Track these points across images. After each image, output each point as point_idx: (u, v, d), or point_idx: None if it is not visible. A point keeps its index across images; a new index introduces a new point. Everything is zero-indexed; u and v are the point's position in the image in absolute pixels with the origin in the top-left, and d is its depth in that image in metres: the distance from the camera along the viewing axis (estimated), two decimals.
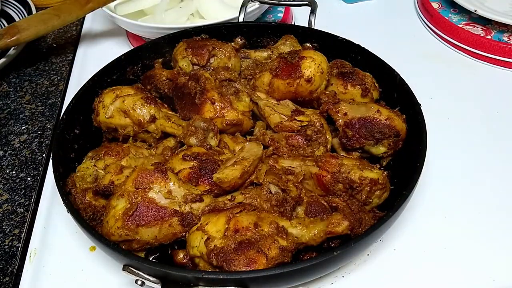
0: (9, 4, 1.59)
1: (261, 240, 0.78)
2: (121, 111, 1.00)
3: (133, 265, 0.77)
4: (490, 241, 0.96)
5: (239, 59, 1.16)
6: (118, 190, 0.85)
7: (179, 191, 0.85)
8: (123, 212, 0.82)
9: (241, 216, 0.82)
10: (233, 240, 0.78)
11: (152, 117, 1.00)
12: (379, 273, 0.92)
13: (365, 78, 1.08)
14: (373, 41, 1.17)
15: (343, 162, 0.91)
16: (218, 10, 1.40)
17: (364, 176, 0.89)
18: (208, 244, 0.79)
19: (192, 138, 0.96)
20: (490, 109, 1.25)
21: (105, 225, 0.84)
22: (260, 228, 0.80)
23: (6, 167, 1.17)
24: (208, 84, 1.02)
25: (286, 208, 0.87)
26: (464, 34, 1.40)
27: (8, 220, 1.05)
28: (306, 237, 0.81)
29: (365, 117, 0.98)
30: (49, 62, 1.49)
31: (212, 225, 0.81)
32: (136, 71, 1.20)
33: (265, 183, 0.89)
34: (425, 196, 1.03)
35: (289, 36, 1.20)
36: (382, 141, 0.97)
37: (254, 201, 0.87)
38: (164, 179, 0.84)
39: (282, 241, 0.79)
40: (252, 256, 0.76)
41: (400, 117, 0.98)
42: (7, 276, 0.95)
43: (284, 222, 0.82)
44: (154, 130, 1.01)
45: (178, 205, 0.84)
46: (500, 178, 1.08)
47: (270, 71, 1.05)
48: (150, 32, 1.35)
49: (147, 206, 0.82)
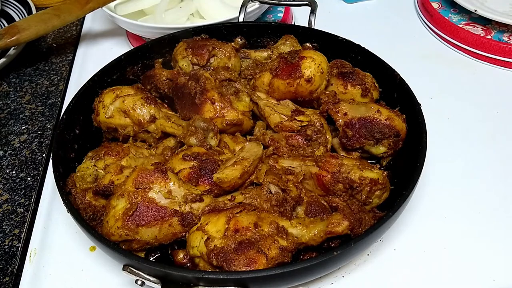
0: (9, 4, 1.59)
1: (261, 240, 0.79)
2: (121, 111, 1.00)
3: (133, 265, 0.77)
4: (490, 241, 0.96)
5: (239, 59, 1.16)
6: (118, 190, 0.85)
7: (179, 191, 0.85)
8: (123, 212, 0.82)
9: (241, 216, 0.82)
10: (233, 240, 0.78)
11: (152, 117, 1.00)
12: (379, 273, 0.92)
13: (365, 78, 1.08)
14: (373, 41, 1.18)
15: (343, 162, 0.92)
16: (218, 10, 1.40)
17: (364, 176, 0.89)
18: (208, 244, 0.79)
19: (192, 138, 0.96)
20: (490, 109, 1.25)
21: (105, 225, 0.84)
22: (260, 228, 0.80)
23: (6, 167, 1.17)
24: (208, 84, 1.02)
25: (286, 208, 0.87)
26: (464, 34, 1.40)
27: (8, 220, 1.05)
28: (306, 237, 0.81)
29: (365, 117, 0.98)
30: (49, 62, 1.49)
31: (212, 225, 0.81)
32: (136, 71, 1.19)
33: (265, 183, 0.90)
34: (425, 196, 1.03)
35: (289, 36, 1.20)
36: (382, 141, 0.97)
37: (254, 201, 0.87)
38: (164, 179, 0.84)
39: (282, 241, 0.79)
40: (252, 256, 0.76)
41: (400, 117, 0.98)
42: (7, 276, 0.95)
43: (284, 222, 0.82)
44: (154, 130, 1.01)
45: (178, 205, 0.84)
46: (500, 178, 1.08)
47: (270, 71, 1.05)
48: (150, 32, 1.35)
49: (147, 206, 0.82)
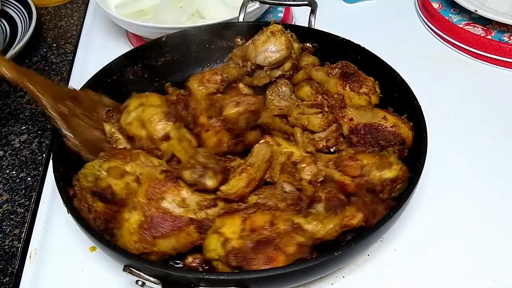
0: (9, 4, 1.59)
1: (278, 238, 0.78)
2: (139, 120, 0.94)
3: (133, 265, 0.77)
4: (491, 242, 0.96)
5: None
6: (130, 203, 0.83)
7: (193, 198, 0.83)
8: (138, 225, 0.81)
9: (255, 216, 0.81)
10: (250, 240, 0.78)
11: (166, 135, 0.92)
12: (379, 273, 0.92)
13: (366, 81, 1.07)
14: (373, 41, 1.17)
15: (363, 163, 0.90)
16: (218, 10, 1.39)
17: (384, 178, 0.88)
18: (225, 246, 0.78)
19: (187, 172, 0.86)
20: (490, 109, 1.25)
21: (120, 239, 0.82)
22: (276, 226, 0.80)
23: (6, 167, 1.17)
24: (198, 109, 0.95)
25: (302, 206, 0.86)
26: (464, 34, 1.40)
27: (8, 220, 1.05)
28: (322, 232, 0.81)
29: (371, 123, 0.97)
30: (49, 62, 1.49)
31: (228, 227, 0.80)
32: (136, 71, 1.19)
33: (279, 182, 0.89)
34: (426, 196, 1.03)
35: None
36: (387, 148, 0.96)
37: (269, 201, 0.86)
38: (177, 187, 0.83)
39: (299, 238, 0.79)
40: (270, 254, 0.76)
41: (406, 124, 0.97)
42: (7, 276, 0.95)
43: (299, 219, 0.82)
44: (165, 150, 0.93)
45: (193, 213, 0.82)
46: (501, 178, 1.08)
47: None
48: (150, 32, 1.34)
49: (162, 217, 0.81)
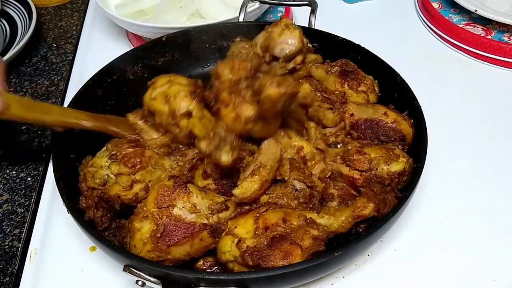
0: (9, 4, 1.59)
1: (292, 233, 0.78)
2: (165, 95, 0.94)
3: (133, 265, 0.77)
4: (491, 242, 0.96)
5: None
6: (140, 212, 0.82)
7: (203, 202, 0.83)
8: (151, 234, 0.80)
9: (268, 214, 0.81)
10: (264, 237, 0.78)
11: (187, 112, 0.93)
12: (379, 273, 0.92)
13: (364, 80, 1.07)
14: (373, 41, 1.17)
15: (370, 157, 0.90)
16: (218, 10, 1.39)
17: (391, 171, 0.88)
18: (240, 246, 0.78)
19: (204, 143, 0.90)
20: (490, 109, 1.25)
21: (133, 249, 0.82)
22: (290, 223, 0.80)
23: (6, 167, 1.17)
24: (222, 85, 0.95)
25: (315, 203, 0.87)
26: (464, 34, 1.40)
27: (8, 220, 1.05)
28: (335, 225, 0.82)
29: (372, 118, 0.98)
30: (49, 62, 1.49)
31: (241, 227, 0.80)
32: (136, 71, 1.19)
33: (289, 180, 0.89)
34: (426, 196, 1.03)
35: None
36: (387, 144, 0.96)
37: (281, 200, 0.86)
38: (186, 193, 0.82)
39: (313, 231, 0.79)
40: (287, 249, 0.76)
41: (407, 121, 0.98)
42: (7, 276, 0.95)
43: (312, 214, 0.83)
44: (184, 126, 0.94)
45: (206, 218, 0.82)
46: (501, 178, 1.08)
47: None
48: (150, 32, 1.34)
49: (174, 225, 0.80)
